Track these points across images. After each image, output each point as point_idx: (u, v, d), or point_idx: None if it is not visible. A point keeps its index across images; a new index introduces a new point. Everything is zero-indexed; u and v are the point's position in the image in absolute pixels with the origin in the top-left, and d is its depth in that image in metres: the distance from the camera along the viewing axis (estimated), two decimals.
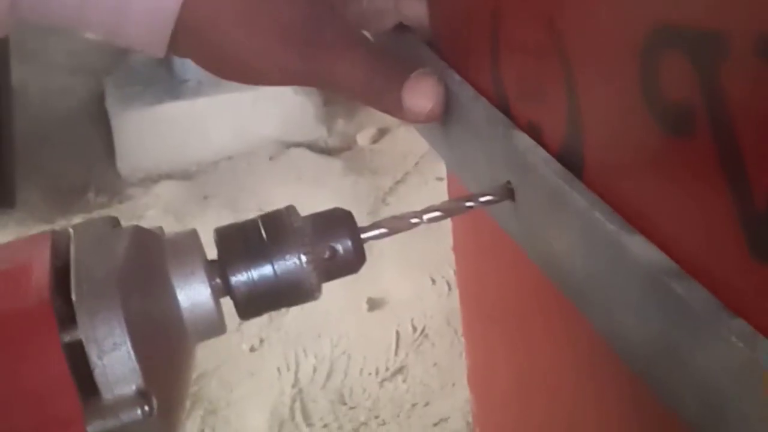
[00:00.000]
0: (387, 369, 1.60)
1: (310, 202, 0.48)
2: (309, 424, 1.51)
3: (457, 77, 0.50)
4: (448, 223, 0.71)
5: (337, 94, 0.48)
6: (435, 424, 1.48)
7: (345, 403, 1.54)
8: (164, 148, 2.22)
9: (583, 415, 0.53)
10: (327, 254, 0.41)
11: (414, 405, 1.52)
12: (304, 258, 0.40)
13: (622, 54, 0.33)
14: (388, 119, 2.32)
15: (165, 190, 2.15)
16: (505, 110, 0.46)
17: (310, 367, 1.62)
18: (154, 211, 2.08)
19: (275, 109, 2.27)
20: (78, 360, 0.36)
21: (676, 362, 0.31)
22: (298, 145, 2.27)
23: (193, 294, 0.40)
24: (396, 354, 1.63)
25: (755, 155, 0.27)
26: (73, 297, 0.36)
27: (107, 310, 0.36)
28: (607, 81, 0.36)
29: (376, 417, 1.51)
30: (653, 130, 0.32)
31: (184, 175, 2.21)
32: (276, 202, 0.43)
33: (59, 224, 2.02)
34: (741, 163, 0.27)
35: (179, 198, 2.11)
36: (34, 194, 2.12)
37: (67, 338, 0.36)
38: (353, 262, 0.42)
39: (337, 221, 0.42)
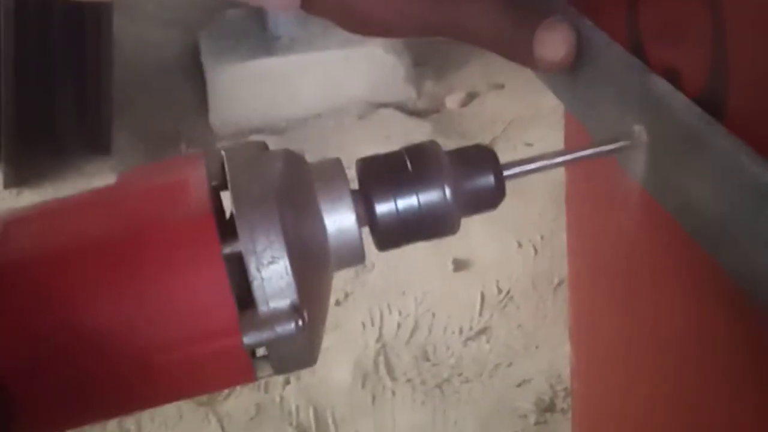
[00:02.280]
0: (471, 328, 1.61)
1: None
2: (392, 378, 1.53)
3: (589, 23, 0.49)
4: (535, 185, 0.71)
5: (466, 43, 0.48)
6: (518, 385, 1.49)
7: (428, 360, 1.56)
8: (255, 103, 2.25)
9: (703, 374, 0.52)
10: (470, 188, 0.42)
11: (497, 365, 1.54)
12: (448, 190, 0.41)
13: None
14: (477, 83, 2.32)
15: None
16: (640, 55, 0.46)
17: (395, 323, 1.64)
18: None
19: (365, 69, 2.28)
20: (234, 273, 0.38)
21: None
22: (386, 105, 2.29)
23: (339, 220, 0.41)
24: (480, 314, 1.64)
25: None
26: (234, 211, 0.38)
27: (266, 224, 0.37)
28: (762, 26, 0.36)
29: (459, 375, 1.53)
30: None
31: (273, 131, 2.23)
32: None
33: None
34: None
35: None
36: (128, 143, 2.17)
37: (226, 250, 0.37)
38: (494, 198, 0.43)
39: (480, 157, 0.43)
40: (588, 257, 0.72)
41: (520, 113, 2.14)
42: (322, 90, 2.28)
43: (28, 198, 2.02)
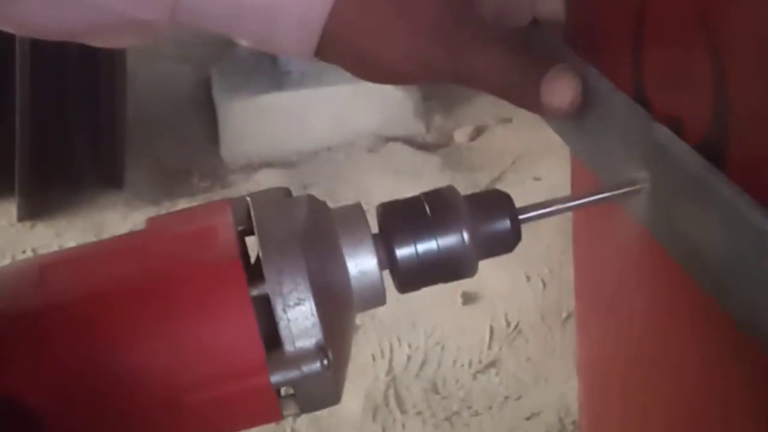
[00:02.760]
0: (480, 361, 1.62)
1: (409, 195, 0.49)
2: (402, 411, 1.54)
3: (594, 71, 0.50)
4: (546, 221, 0.73)
5: (475, 89, 0.50)
6: (527, 418, 1.50)
7: (438, 393, 1.57)
8: (266, 136, 2.28)
9: (705, 410, 0.53)
10: (487, 232, 0.44)
11: (507, 398, 1.54)
12: (466, 234, 0.43)
13: None
14: (485, 117, 2.34)
15: (265, 177, 2.20)
16: (644, 103, 0.47)
17: (404, 355, 1.66)
18: None
19: (375, 103, 2.30)
20: (261, 314, 0.40)
21: None
22: (396, 139, 2.31)
23: (361, 263, 0.43)
24: (489, 347, 1.65)
25: None
26: (261, 255, 0.40)
27: (292, 267, 0.39)
28: (762, 71, 0.37)
29: (469, 407, 1.53)
30: None
31: (284, 164, 2.26)
32: (374, 193, 0.45)
33: (165, 206, 2.09)
34: None
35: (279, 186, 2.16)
36: (141, 176, 2.19)
37: (254, 292, 0.39)
38: (510, 241, 0.44)
39: (497, 201, 0.45)
40: (595, 295, 0.73)
41: (528, 147, 2.16)
42: (332, 124, 2.31)
43: (41, 231, 2.04)
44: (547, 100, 0.47)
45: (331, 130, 2.31)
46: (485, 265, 0.45)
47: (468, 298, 1.75)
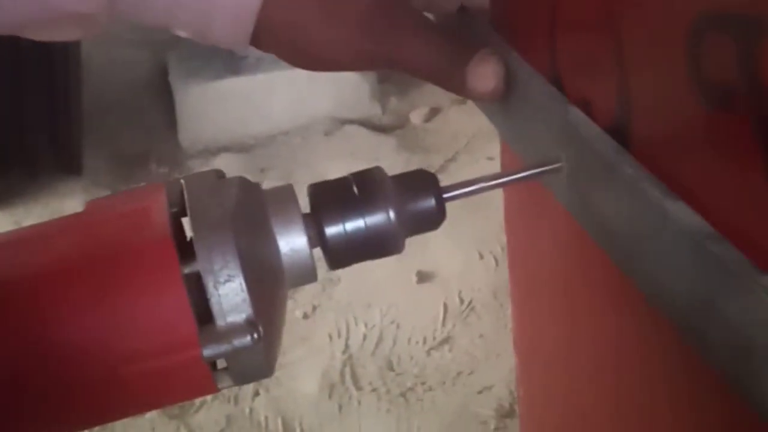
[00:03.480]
0: (434, 338, 1.66)
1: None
2: (358, 388, 1.57)
3: (516, 55, 0.52)
4: (496, 199, 0.75)
5: (405, 74, 0.51)
6: (479, 392, 1.54)
7: (393, 370, 1.61)
8: (224, 121, 2.29)
9: (629, 380, 0.55)
10: (412, 210, 0.46)
11: (459, 373, 1.58)
12: (392, 213, 0.45)
13: (671, 36, 0.37)
14: (440, 99, 2.36)
15: (224, 162, 2.22)
16: (560, 87, 0.50)
17: (360, 334, 1.69)
18: None
19: (331, 87, 2.33)
20: (194, 291, 0.42)
21: (712, 314, 0.36)
22: (352, 122, 2.33)
23: (291, 241, 0.45)
24: (443, 325, 1.69)
25: None
26: (192, 234, 0.42)
27: (223, 245, 0.41)
28: (656, 60, 0.40)
29: (423, 383, 1.57)
30: (696, 106, 0.36)
31: (242, 148, 2.28)
32: (331, 175, 0.47)
33: None
34: None
35: (237, 170, 2.16)
36: (99, 162, 2.19)
37: (186, 270, 0.41)
38: (435, 219, 0.47)
39: (422, 181, 0.47)
40: (526, 270, 0.76)
41: (481, 128, 2.19)
42: (289, 108, 2.32)
43: (0, 219, 2.04)
44: (472, 85, 0.49)
45: (289, 114, 2.33)
46: (439, 244, 0.47)
47: (423, 277, 1.79)
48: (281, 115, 2.32)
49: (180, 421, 1.53)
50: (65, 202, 2.08)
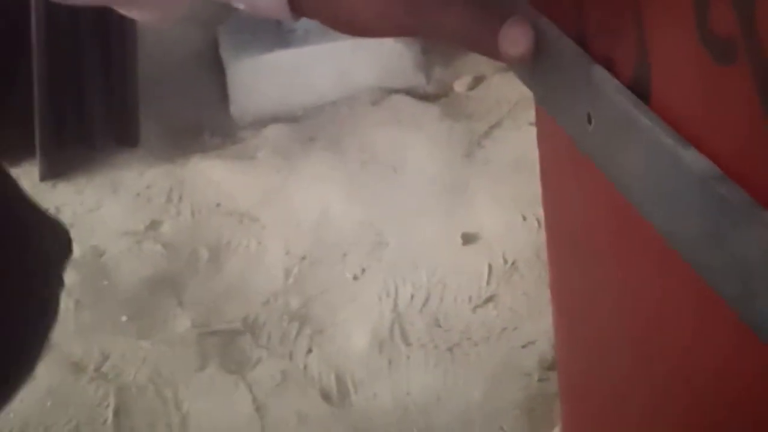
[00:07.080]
0: (479, 297, 1.72)
1: (410, 145, 0.54)
2: (407, 344, 1.64)
3: (545, 20, 0.55)
4: (537, 164, 0.78)
5: (440, 42, 0.55)
6: (523, 347, 1.59)
7: (440, 326, 1.67)
8: (273, 93, 2.35)
9: (658, 330, 0.57)
10: None
11: (504, 329, 1.64)
12: None
13: None
14: (483, 67, 2.40)
15: (273, 132, 2.28)
16: (585, 47, 0.53)
17: (408, 294, 1.74)
18: (263, 151, 2.22)
19: (377, 57, 2.37)
20: None
21: (720, 248, 0.39)
22: (397, 91, 2.37)
23: None
24: (488, 284, 1.74)
25: None
26: None
27: None
28: (668, 18, 0.44)
29: (468, 339, 1.63)
30: (703, 58, 0.40)
31: (291, 118, 2.33)
32: (377, 144, 0.51)
33: (178, 163, 2.18)
34: None
35: (287, 139, 2.24)
36: (154, 135, 2.26)
37: None
38: None
39: None
40: (562, 232, 0.76)
41: (524, 95, 2.22)
42: (336, 78, 2.37)
43: (62, 189, 2.13)
44: (505, 49, 0.52)
45: (336, 85, 2.37)
46: (484, 208, 0.50)
47: (468, 239, 1.84)
48: (329, 86, 2.37)
49: (238, 376, 1.62)
50: (123, 173, 2.16)
